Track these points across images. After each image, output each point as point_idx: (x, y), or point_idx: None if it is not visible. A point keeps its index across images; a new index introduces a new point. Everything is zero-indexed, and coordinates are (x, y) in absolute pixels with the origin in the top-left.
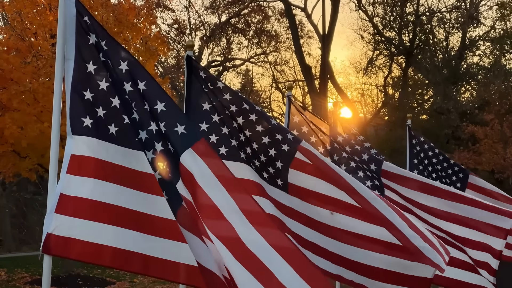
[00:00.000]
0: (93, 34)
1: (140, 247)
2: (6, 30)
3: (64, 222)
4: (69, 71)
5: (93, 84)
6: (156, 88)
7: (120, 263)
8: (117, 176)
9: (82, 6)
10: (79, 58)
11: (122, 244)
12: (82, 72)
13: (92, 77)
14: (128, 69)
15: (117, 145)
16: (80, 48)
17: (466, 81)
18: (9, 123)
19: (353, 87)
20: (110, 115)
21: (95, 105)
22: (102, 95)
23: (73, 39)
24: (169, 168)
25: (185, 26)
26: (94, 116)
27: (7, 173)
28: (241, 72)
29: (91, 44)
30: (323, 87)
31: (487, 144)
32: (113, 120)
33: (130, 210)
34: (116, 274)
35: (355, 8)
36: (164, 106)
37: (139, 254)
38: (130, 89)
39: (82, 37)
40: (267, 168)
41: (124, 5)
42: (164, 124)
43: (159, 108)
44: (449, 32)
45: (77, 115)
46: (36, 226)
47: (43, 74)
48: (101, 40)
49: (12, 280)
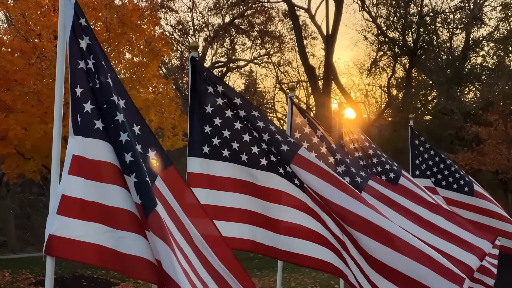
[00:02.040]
0: (86, 37)
1: (142, 251)
2: (10, 31)
3: (65, 223)
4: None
5: (83, 81)
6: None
7: (121, 267)
8: (118, 177)
9: (80, 9)
10: (72, 57)
11: (122, 247)
12: (75, 69)
13: (84, 73)
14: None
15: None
16: (72, 46)
17: (470, 81)
18: (13, 125)
19: (356, 87)
20: (97, 111)
21: (83, 101)
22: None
23: (67, 37)
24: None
25: (188, 27)
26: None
27: (11, 174)
28: (245, 73)
29: (81, 47)
30: (326, 88)
31: (491, 144)
32: (100, 116)
33: (132, 212)
34: (120, 275)
35: (359, 9)
36: (139, 130)
37: (140, 258)
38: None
39: (75, 38)
40: (277, 167)
41: (128, 6)
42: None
43: (136, 131)
44: (452, 33)
45: (73, 114)
46: (40, 227)
47: (47, 75)
48: (94, 45)
49: (17, 281)
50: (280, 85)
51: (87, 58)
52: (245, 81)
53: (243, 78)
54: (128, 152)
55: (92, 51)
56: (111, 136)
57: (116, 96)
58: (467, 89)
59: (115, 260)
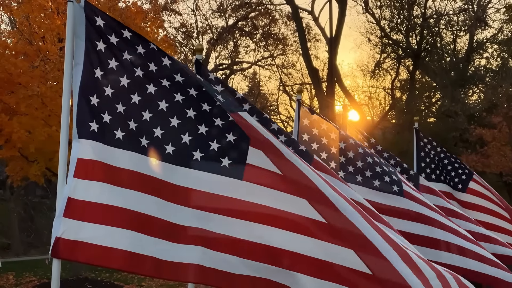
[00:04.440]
0: (111, 35)
1: (149, 250)
2: (14, 34)
3: (72, 225)
4: (77, 76)
5: (100, 90)
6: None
7: (129, 266)
8: (123, 179)
9: (93, 9)
10: (88, 63)
11: (131, 247)
12: (89, 77)
13: (99, 82)
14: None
15: (123, 150)
16: (89, 53)
17: (473, 83)
18: (17, 127)
19: (360, 90)
20: (115, 120)
21: (101, 110)
22: (108, 101)
23: (82, 44)
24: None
25: (192, 29)
26: (100, 121)
27: (15, 177)
28: (249, 75)
29: (99, 50)
30: (330, 90)
31: (495, 146)
32: (119, 125)
33: (138, 213)
34: (124, 278)
35: (362, 11)
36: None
37: (148, 257)
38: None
39: (91, 42)
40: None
41: (131, 8)
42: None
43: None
44: (456, 35)
45: (84, 119)
46: (44, 229)
47: (51, 78)
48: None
49: (20, 284)
50: (284, 88)
51: (109, 60)
52: (248, 83)
53: (247, 80)
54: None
55: (121, 48)
56: (131, 143)
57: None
58: (471, 91)
59: (123, 260)
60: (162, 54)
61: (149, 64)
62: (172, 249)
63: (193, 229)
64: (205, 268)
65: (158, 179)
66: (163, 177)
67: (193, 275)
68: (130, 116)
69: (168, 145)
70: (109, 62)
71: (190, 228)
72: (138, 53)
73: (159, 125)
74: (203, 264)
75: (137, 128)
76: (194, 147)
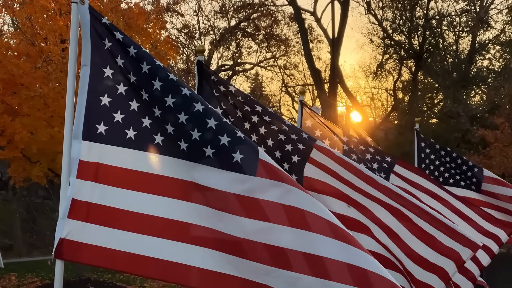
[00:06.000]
0: (117, 32)
1: (153, 251)
2: (17, 35)
3: (76, 227)
4: (85, 77)
5: (111, 89)
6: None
7: (133, 267)
8: (128, 181)
9: (95, 11)
10: (95, 63)
11: (135, 249)
12: (99, 77)
13: (110, 81)
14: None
15: (133, 149)
16: (96, 53)
17: (476, 84)
18: (20, 128)
19: (362, 91)
20: (128, 119)
21: (112, 110)
22: (121, 99)
23: (88, 45)
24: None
25: (194, 30)
26: (110, 122)
27: (17, 178)
28: (251, 76)
29: (107, 49)
30: (332, 91)
31: (498, 147)
32: (131, 124)
33: (142, 214)
34: (127, 279)
35: (365, 12)
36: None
37: (152, 259)
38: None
39: (98, 42)
40: (281, 164)
41: (133, 10)
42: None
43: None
44: (458, 36)
45: (92, 121)
46: (46, 230)
47: (53, 79)
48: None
49: (23, 285)
50: (286, 89)
51: (116, 58)
52: (251, 85)
53: (249, 81)
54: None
55: (124, 46)
56: (143, 142)
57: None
58: (473, 92)
59: (127, 262)
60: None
61: (155, 60)
62: (176, 250)
63: (200, 228)
64: (209, 271)
65: (168, 178)
66: (175, 175)
67: (198, 279)
68: (144, 114)
69: (181, 142)
70: (116, 60)
71: (197, 227)
72: (144, 50)
73: (170, 122)
74: (207, 268)
75: (151, 125)
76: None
